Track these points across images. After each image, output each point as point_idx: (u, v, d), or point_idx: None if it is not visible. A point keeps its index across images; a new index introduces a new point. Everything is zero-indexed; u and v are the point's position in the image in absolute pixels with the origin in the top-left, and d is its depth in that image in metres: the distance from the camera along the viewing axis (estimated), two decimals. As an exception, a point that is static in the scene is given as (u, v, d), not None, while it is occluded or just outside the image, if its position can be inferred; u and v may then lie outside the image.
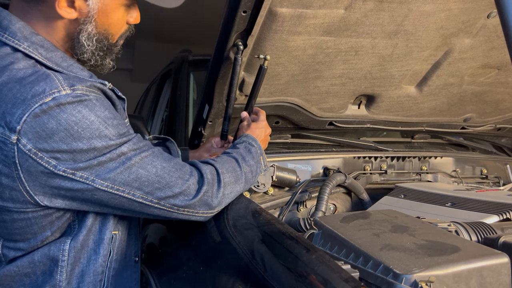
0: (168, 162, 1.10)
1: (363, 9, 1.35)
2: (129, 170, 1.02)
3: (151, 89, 3.37)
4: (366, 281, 0.89)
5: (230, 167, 1.21)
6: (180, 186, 1.09)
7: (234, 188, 1.20)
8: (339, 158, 1.85)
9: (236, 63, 1.38)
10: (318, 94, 1.72)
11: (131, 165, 1.02)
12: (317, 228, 1.14)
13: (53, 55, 1.05)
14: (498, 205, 1.34)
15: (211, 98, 1.54)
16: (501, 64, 1.74)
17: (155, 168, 1.06)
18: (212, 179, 1.15)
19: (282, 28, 1.34)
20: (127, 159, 1.02)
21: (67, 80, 0.99)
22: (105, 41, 1.11)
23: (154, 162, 1.06)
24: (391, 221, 1.12)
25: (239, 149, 1.31)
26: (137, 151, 1.05)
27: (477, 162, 2.12)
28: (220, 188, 1.16)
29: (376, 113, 1.91)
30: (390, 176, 1.90)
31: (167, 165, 1.09)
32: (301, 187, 1.67)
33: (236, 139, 1.38)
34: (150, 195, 1.06)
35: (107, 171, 1.00)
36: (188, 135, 1.90)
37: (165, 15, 5.79)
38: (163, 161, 1.09)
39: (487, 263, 0.87)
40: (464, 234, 1.12)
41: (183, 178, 1.10)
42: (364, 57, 1.56)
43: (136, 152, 1.04)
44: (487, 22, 1.52)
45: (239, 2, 1.22)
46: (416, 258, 0.88)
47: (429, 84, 1.78)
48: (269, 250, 0.97)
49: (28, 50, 1.01)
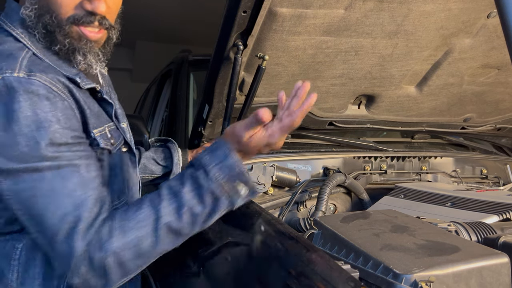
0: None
1: (363, 9, 1.35)
2: (34, 197, 0.91)
3: (151, 89, 3.37)
4: (366, 281, 0.89)
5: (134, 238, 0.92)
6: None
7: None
8: (339, 158, 1.85)
9: (236, 63, 1.38)
10: (318, 94, 1.71)
11: (38, 191, 0.90)
12: (317, 228, 1.14)
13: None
14: (498, 205, 1.34)
15: (211, 98, 1.54)
16: (501, 64, 1.74)
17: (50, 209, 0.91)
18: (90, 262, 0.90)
19: (282, 28, 1.34)
20: (38, 180, 0.90)
21: (32, 65, 0.95)
22: (47, 16, 1.00)
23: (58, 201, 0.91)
24: (391, 221, 1.12)
25: (178, 186, 0.98)
26: (59, 175, 0.91)
27: (477, 162, 2.12)
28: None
29: (376, 113, 1.91)
30: (390, 176, 1.90)
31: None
32: (301, 187, 1.67)
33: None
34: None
35: (13, 182, 0.91)
36: (188, 135, 1.90)
37: (165, 15, 5.79)
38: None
39: (487, 263, 0.87)
40: (464, 234, 1.12)
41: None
42: (364, 57, 1.56)
43: (53, 174, 0.91)
44: (487, 22, 1.52)
45: (239, 2, 1.22)
46: (416, 258, 0.88)
47: (429, 84, 1.78)
48: (269, 250, 0.97)
49: (20, 36, 1.01)
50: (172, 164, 1.53)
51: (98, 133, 1.06)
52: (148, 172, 1.52)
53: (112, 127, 1.13)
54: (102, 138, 1.06)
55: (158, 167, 1.53)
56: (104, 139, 1.07)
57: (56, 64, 1.02)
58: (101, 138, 1.06)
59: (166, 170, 1.54)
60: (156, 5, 5.37)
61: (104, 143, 1.07)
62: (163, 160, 1.54)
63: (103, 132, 1.08)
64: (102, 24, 1.05)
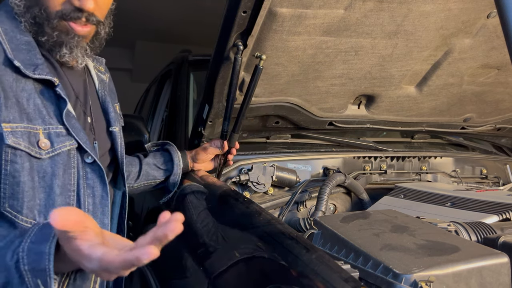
0: None
1: (363, 9, 1.35)
2: None
3: (151, 89, 3.36)
4: (366, 281, 0.89)
5: None
6: None
7: None
8: (339, 158, 1.85)
9: (236, 63, 1.38)
10: (318, 94, 1.72)
11: None
12: (317, 228, 1.14)
13: (12, 27, 1.02)
14: (497, 205, 1.34)
15: (211, 98, 1.54)
16: (501, 64, 1.75)
17: None
18: None
19: (282, 28, 1.34)
20: None
21: None
22: (36, 8, 1.01)
23: None
24: (391, 221, 1.13)
25: None
26: None
27: (477, 162, 2.12)
28: None
29: (376, 113, 1.91)
30: (390, 176, 1.90)
31: None
32: (301, 187, 1.67)
33: None
34: None
35: None
36: (188, 135, 1.90)
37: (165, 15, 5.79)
38: None
39: (486, 263, 0.87)
40: (464, 234, 1.12)
41: None
42: (364, 57, 1.56)
43: None
44: (487, 22, 1.53)
45: (239, 2, 1.22)
46: (416, 258, 0.88)
47: (429, 84, 1.78)
48: (269, 250, 0.98)
49: None
50: (173, 166, 1.53)
51: (9, 128, 0.93)
52: (151, 178, 1.52)
53: (56, 131, 1.00)
54: (12, 135, 0.93)
55: (160, 171, 1.54)
56: (15, 137, 0.93)
57: (15, 47, 0.99)
58: (11, 134, 0.92)
59: (167, 174, 1.54)
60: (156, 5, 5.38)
61: (13, 141, 0.93)
62: (164, 164, 1.54)
63: (19, 130, 0.94)
64: (90, 21, 1.04)
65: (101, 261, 0.67)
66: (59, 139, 1.00)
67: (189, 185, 1.52)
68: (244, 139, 1.88)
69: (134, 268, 0.66)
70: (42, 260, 0.73)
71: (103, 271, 0.68)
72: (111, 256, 0.66)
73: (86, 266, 0.69)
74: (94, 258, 0.67)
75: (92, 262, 0.67)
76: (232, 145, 1.57)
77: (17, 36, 1.01)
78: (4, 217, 0.95)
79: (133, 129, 1.90)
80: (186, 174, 1.58)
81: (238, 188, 1.66)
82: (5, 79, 0.95)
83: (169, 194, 1.55)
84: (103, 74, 1.30)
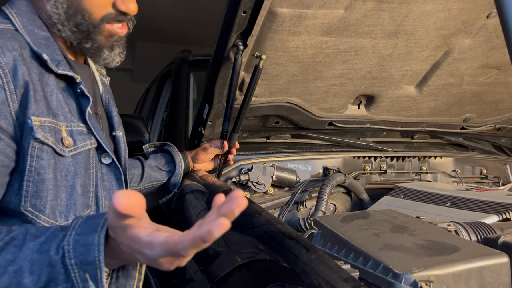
0: None
1: (363, 9, 1.35)
2: None
3: (151, 89, 3.37)
4: (366, 281, 0.89)
5: None
6: None
7: None
8: (339, 158, 1.85)
9: (236, 63, 1.38)
10: (318, 94, 1.72)
11: None
12: (317, 228, 1.14)
13: (29, 21, 0.99)
14: (497, 205, 1.34)
15: (211, 98, 1.54)
16: (501, 64, 1.75)
17: None
18: None
19: (282, 28, 1.34)
20: None
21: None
22: (79, 16, 0.99)
23: None
24: (391, 221, 1.13)
25: None
26: None
27: (477, 162, 2.12)
28: None
29: (376, 113, 1.91)
30: (389, 176, 1.90)
31: None
32: (301, 187, 1.67)
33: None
34: None
35: None
36: (188, 135, 1.90)
37: (165, 15, 5.80)
38: None
39: (486, 263, 0.87)
40: (464, 234, 1.12)
41: None
42: (364, 57, 1.57)
43: None
44: (487, 22, 1.53)
45: (239, 2, 1.22)
46: (416, 258, 0.88)
47: (429, 84, 1.78)
48: (269, 250, 0.98)
49: (12, 15, 0.98)
50: (175, 167, 1.54)
51: (38, 122, 0.91)
52: (154, 180, 1.52)
53: (77, 128, 1.00)
54: (42, 130, 0.91)
55: (162, 173, 1.54)
56: (44, 132, 0.91)
57: (35, 41, 0.96)
58: (40, 128, 0.91)
59: (169, 175, 1.55)
60: (156, 6, 5.38)
61: (43, 135, 0.91)
62: (166, 165, 1.54)
63: (47, 125, 0.93)
64: (129, 21, 1.08)
65: (166, 244, 0.61)
66: (81, 137, 0.99)
67: (189, 184, 1.52)
68: (244, 139, 1.88)
69: (204, 246, 0.60)
70: (90, 251, 0.67)
71: (169, 255, 0.62)
72: (176, 237, 0.61)
73: (147, 254, 0.63)
74: (157, 243, 0.61)
75: (154, 248, 0.62)
76: (232, 145, 1.57)
77: (35, 31, 0.99)
78: (24, 217, 0.90)
79: (133, 129, 1.90)
80: (186, 174, 1.58)
81: (238, 188, 1.66)
82: (32, 72, 0.93)
83: (170, 194, 1.55)
84: (105, 77, 1.30)
